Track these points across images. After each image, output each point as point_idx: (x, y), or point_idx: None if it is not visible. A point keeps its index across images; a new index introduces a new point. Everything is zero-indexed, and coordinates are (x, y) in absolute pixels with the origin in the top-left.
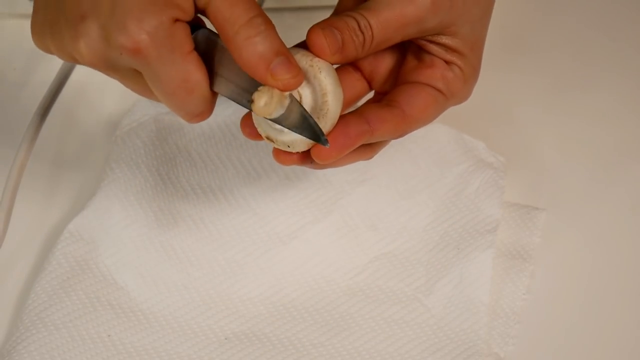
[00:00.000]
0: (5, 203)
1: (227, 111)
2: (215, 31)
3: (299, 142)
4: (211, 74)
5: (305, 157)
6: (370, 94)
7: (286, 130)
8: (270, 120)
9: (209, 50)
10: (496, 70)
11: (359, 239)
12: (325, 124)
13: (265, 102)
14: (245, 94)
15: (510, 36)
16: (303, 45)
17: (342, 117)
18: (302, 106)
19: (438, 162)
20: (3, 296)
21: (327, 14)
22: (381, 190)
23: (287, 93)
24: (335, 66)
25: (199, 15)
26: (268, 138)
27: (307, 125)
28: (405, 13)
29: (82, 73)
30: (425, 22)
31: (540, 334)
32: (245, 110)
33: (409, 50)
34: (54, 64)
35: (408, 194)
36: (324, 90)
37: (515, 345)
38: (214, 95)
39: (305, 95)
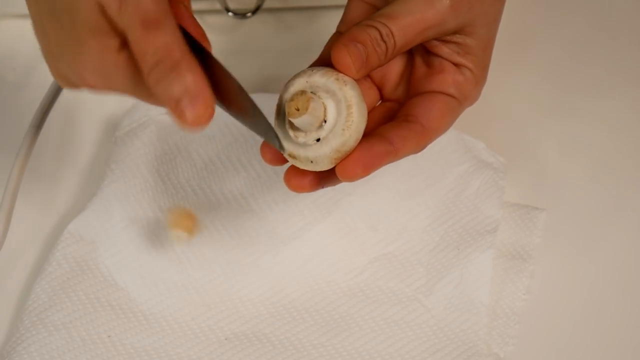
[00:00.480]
0: (6, 204)
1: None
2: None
3: (323, 158)
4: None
5: (320, 179)
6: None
7: (311, 143)
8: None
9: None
10: (496, 70)
11: (359, 239)
12: (350, 137)
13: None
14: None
15: (511, 36)
16: (324, 61)
17: (363, 139)
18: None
19: (438, 162)
20: (3, 297)
21: (327, 14)
22: (381, 191)
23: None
24: None
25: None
26: (291, 155)
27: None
28: (426, 17)
29: None
30: (445, 24)
31: (540, 334)
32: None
33: (417, 53)
34: None
35: (408, 195)
36: (349, 102)
37: (515, 345)
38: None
39: (329, 106)
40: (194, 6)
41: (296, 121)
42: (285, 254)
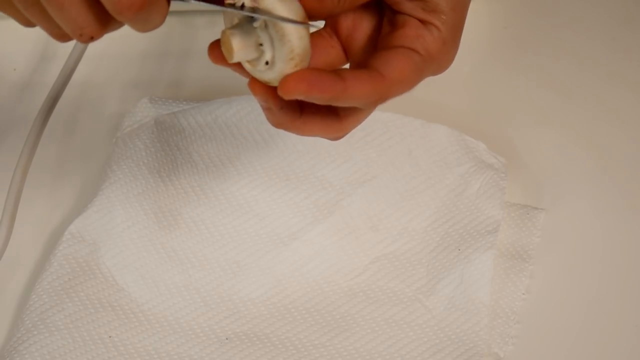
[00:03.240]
0: (9, 205)
1: (229, 112)
2: None
3: (275, 80)
4: None
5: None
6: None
7: (263, 69)
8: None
9: None
10: (496, 70)
11: (359, 239)
12: (294, 45)
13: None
14: None
15: (512, 36)
16: None
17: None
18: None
19: (439, 163)
20: (5, 297)
21: None
22: (382, 191)
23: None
24: (312, 30)
25: None
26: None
27: None
28: None
29: (83, 74)
30: None
31: (540, 334)
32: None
33: (385, 16)
34: (54, 65)
35: (409, 195)
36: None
37: (515, 345)
38: None
39: (262, 38)
40: (194, 6)
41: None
42: (286, 255)
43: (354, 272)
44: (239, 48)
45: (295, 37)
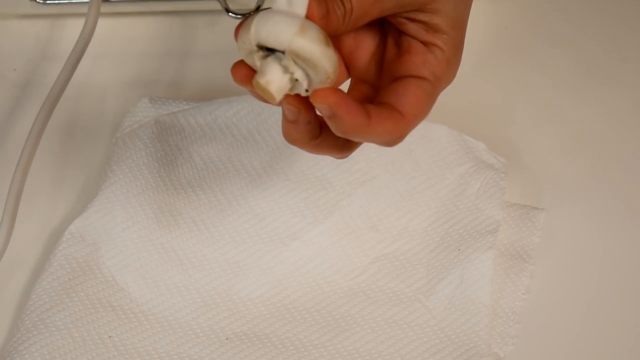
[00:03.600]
0: (10, 205)
1: (229, 112)
2: None
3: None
4: None
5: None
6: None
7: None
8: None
9: None
10: (496, 70)
11: (359, 239)
12: (328, 69)
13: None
14: None
15: (512, 36)
16: None
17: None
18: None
19: (439, 163)
20: (5, 297)
21: None
22: (382, 191)
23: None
24: None
25: None
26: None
27: None
28: None
29: (83, 74)
30: None
31: (540, 334)
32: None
33: (389, 35)
34: (54, 65)
35: (409, 195)
36: (326, 69)
37: (515, 345)
38: None
39: (297, 74)
40: (194, 6)
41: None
42: (286, 255)
43: (354, 272)
44: (278, 91)
45: (327, 62)
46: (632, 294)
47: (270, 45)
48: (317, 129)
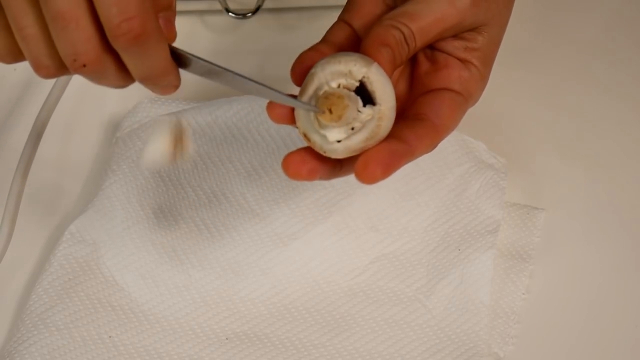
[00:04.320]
0: (10, 205)
1: (229, 113)
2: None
3: (338, 153)
4: None
5: (319, 170)
6: None
7: (329, 136)
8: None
9: None
10: (497, 70)
11: (359, 239)
12: (371, 143)
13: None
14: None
15: (511, 36)
16: (331, 44)
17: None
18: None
19: (439, 163)
20: (5, 297)
21: (327, 14)
22: (382, 192)
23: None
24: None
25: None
26: (305, 135)
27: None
28: (447, 17)
29: None
30: (463, 23)
31: (540, 334)
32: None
33: (421, 50)
34: None
35: (409, 195)
36: (381, 114)
37: (515, 345)
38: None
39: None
40: (194, 6)
41: (324, 124)
42: (286, 254)
43: (354, 272)
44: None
45: (387, 122)
46: (632, 294)
47: (344, 73)
48: (337, 164)
